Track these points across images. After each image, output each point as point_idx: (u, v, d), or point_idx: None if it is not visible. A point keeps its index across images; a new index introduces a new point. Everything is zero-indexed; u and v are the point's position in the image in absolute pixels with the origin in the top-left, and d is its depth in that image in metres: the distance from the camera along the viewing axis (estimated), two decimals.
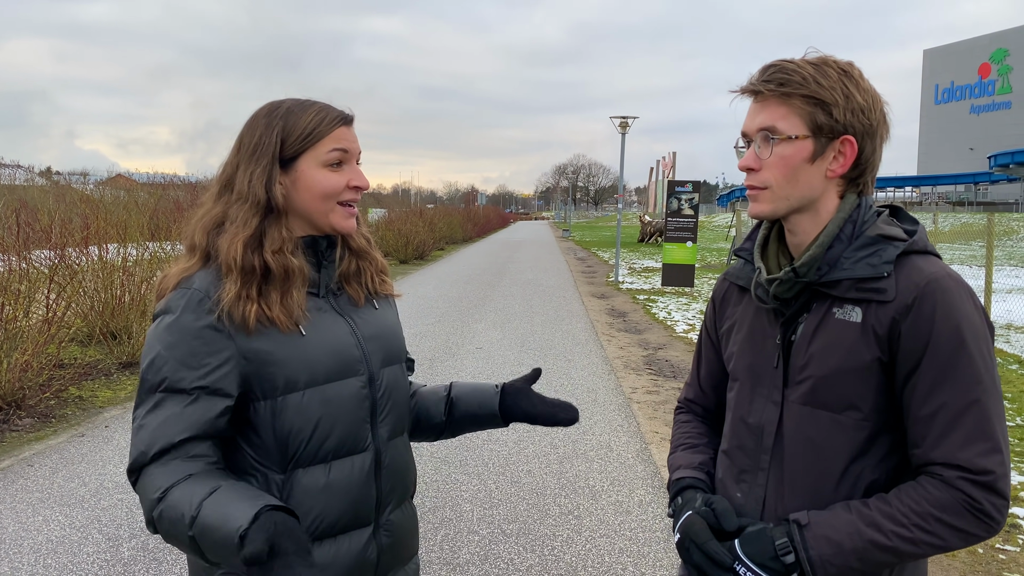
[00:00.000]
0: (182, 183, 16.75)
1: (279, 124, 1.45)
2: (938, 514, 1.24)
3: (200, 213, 1.49)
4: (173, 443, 1.32)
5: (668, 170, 37.91)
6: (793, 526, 1.30)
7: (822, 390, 1.35)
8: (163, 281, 1.45)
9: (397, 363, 1.59)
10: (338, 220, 1.47)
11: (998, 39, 72.04)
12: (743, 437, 1.46)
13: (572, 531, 4.23)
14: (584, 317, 12.39)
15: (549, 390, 7.32)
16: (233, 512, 1.21)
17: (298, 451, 1.41)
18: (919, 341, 1.28)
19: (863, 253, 1.34)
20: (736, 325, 1.54)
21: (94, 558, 3.80)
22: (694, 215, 16.26)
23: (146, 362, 1.36)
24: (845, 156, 1.34)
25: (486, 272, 20.47)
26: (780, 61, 1.37)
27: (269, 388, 1.39)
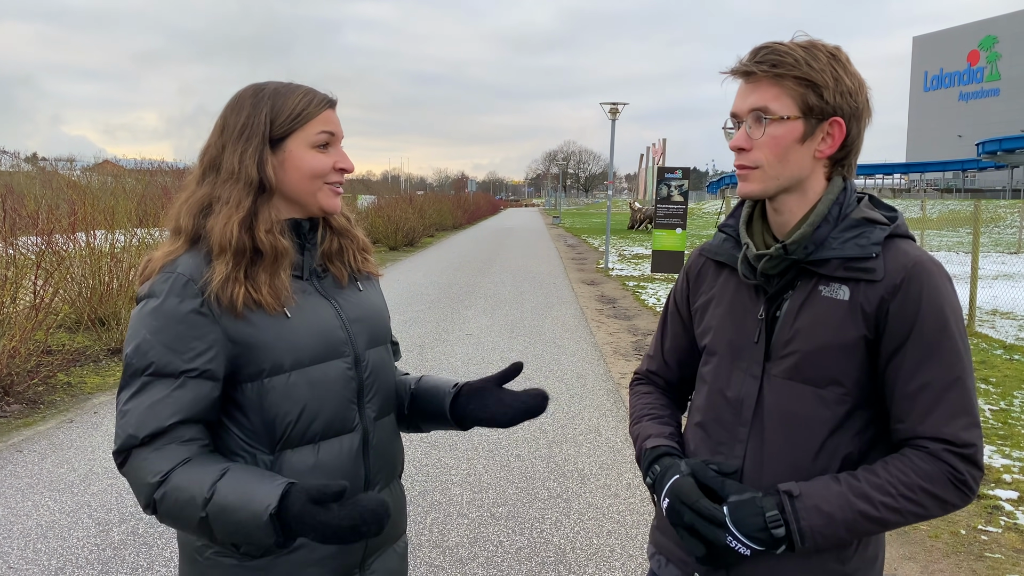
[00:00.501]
0: (170, 169, 16.63)
1: (267, 104, 1.45)
2: (924, 484, 1.29)
3: (184, 196, 1.48)
4: (164, 427, 1.32)
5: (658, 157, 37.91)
6: (784, 497, 1.32)
7: (807, 365, 1.38)
8: (147, 265, 1.44)
9: (382, 344, 1.60)
10: (325, 199, 1.48)
11: (987, 26, 72.20)
12: (720, 410, 1.49)
13: (561, 514, 4.26)
14: (574, 303, 12.42)
15: (539, 376, 7.36)
16: (255, 493, 1.26)
17: (286, 432, 1.42)
18: (906, 321, 1.32)
19: (850, 234, 1.37)
20: (714, 300, 1.56)
21: (84, 542, 3.81)
22: (683, 202, 16.29)
23: (131, 346, 1.36)
24: (833, 137, 1.37)
25: (476, 259, 20.47)
26: (772, 43, 1.39)
27: (255, 371, 1.40)
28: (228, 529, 1.28)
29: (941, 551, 3.83)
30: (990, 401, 6.55)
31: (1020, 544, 3.88)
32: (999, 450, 5.29)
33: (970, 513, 4.27)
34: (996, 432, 5.68)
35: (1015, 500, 4.43)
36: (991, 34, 71.28)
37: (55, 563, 3.60)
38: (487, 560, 3.72)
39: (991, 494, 4.51)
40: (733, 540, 1.32)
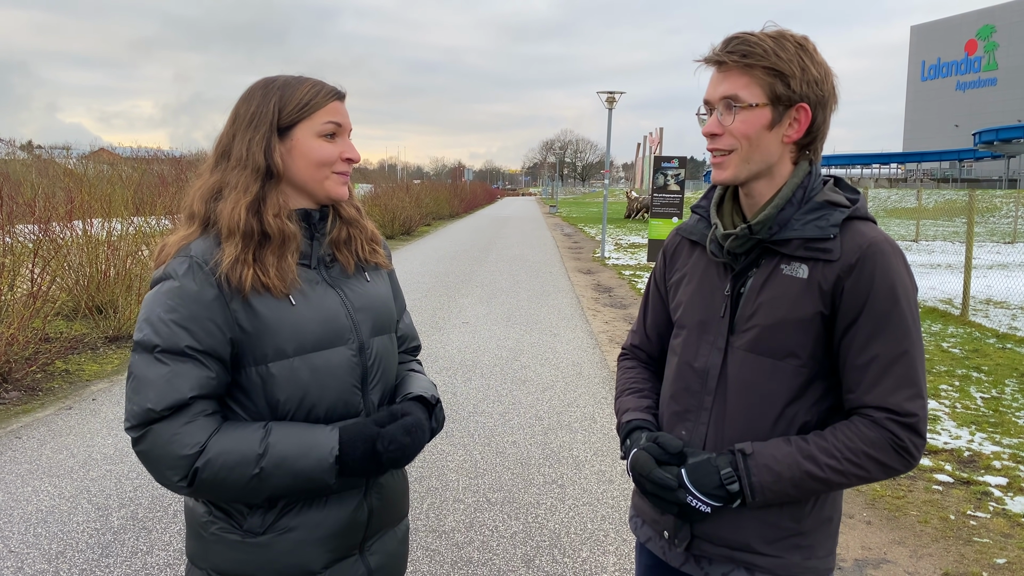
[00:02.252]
0: (166, 157, 16.60)
1: (276, 94, 1.50)
2: (867, 449, 1.39)
3: (198, 184, 1.54)
4: (184, 399, 1.37)
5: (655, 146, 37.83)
6: (738, 455, 1.44)
7: (766, 338, 1.48)
8: (163, 249, 1.49)
9: (387, 333, 1.64)
10: (332, 187, 1.53)
11: (985, 15, 72.09)
12: (688, 380, 1.59)
13: (556, 499, 4.31)
14: (570, 292, 12.46)
15: (535, 364, 7.40)
16: (313, 440, 1.41)
17: (289, 416, 1.46)
18: (859, 297, 1.41)
19: (812, 216, 1.46)
20: (686, 277, 1.66)
21: (83, 527, 3.85)
22: (680, 191, 16.31)
23: (145, 325, 1.40)
24: (800, 123, 1.46)
25: (473, 247, 20.49)
26: (742, 33, 1.48)
27: (260, 355, 1.44)
28: (286, 480, 1.39)
29: (930, 535, 3.89)
30: (982, 389, 6.62)
31: (1008, 529, 3.94)
32: (989, 437, 5.35)
33: (959, 499, 4.33)
34: (987, 420, 5.74)
35: (1004, 486, 4.49)
36: (989, 23, 71.20)
37: (55, 547, 3.64)
38: (483, 544, 3.77)
39: (981, 480, 4.57)
40: (693, 499, 1.44)
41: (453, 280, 13.53)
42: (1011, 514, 4.11)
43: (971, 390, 6.58)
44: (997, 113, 66.56)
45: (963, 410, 6.00)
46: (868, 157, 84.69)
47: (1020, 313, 10.71)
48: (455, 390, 6.49)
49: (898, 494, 4.41)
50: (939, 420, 5.74)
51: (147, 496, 4.21)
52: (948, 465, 4.84)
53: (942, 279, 13.63)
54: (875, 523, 4.05)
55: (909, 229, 27.80)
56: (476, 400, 6.21)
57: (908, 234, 26.21)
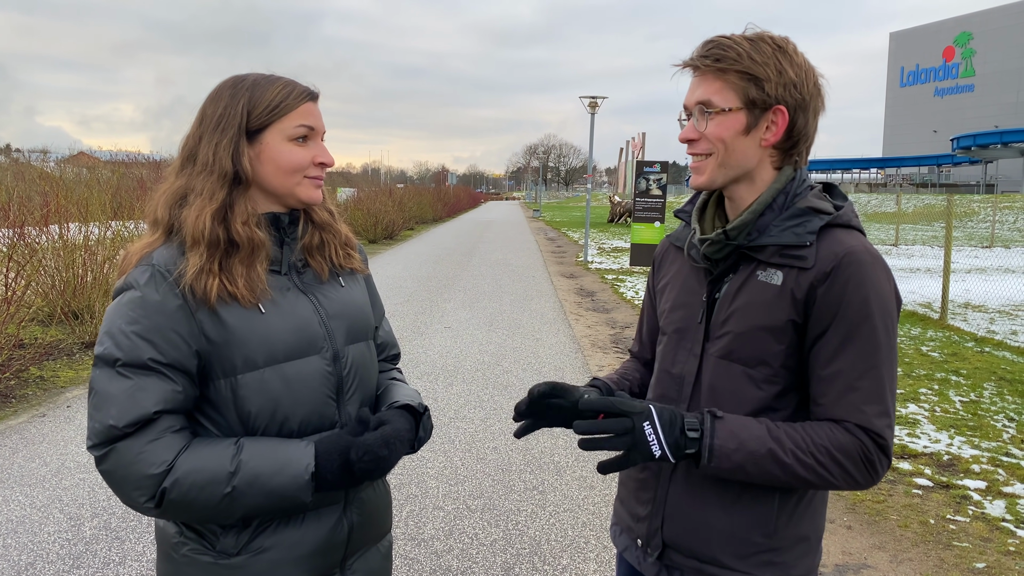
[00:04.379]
0: (146, 161, 16.43)
1: (245, 95, 1.44)
2: (835, 453, 1.34)
3: (163, 188, 1.48)
4: (149, 415, 1.31)
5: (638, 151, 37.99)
6: (707, 415, 1.38)
7: (738, 345, 1.44)
8: (126, 258, 1.44)
9: (363, 340, 1.59)
10: (305, 192, 1.47)
11: (962, 23, 72.97)
12: (666, 386, 1.57)
13: (536, 506, 4.28)
14: (553, 296, 12.45)
15: (517, 368, 7.37)
16: (287, 456, 1.35)
17: (261, 430, 1.41)
18: (831, 307, 1.36)
19: (791, 223, 1.42)
20: (671, 283, 1.64)
21: (55, 537, 3.77)
22: (662, 195, 16.35)
23: (106, 338, 1.35)
24: (777, 126, 1.42)
25: (456, 252, 20.44)
26: (718, 37, 1.45)
27: (228, 367, 1.38)
28: (259, 499, 1.34)
29: (910, 540, 3.89)
30: (960, 393, 6.65)
31: (987, 533, 3.95)
32: (968, 441, 5.38)
33: (939, 503, 4.34)
34: (966, 423, 5.77)
35: (983, 490, 4.50)
36: (966, 31, 72.04)
37: (25, 558, 3.56)
38: (462, 552, 3.73)
39: (960, 484, 4.59)
40: (650, 430, 1.34)
41: (436, 284, 13.48)
42: (990, 518, 4.12)
43: (950, 394, 6.61)
44: (974, 119, 67.34)
45: (942, 414, 6.03)
46: (848, 162, 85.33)
47: (998, 317, 10.81)
48: (436, 395, 6.44)
49: (878, 499, 4.41)
50: (918, 424, 5.76)
51: (121, 506, 4.13)
52: (927, 469, 4.85)
53: (921, 283, 13.74)
54: (855, 528, 4.05)
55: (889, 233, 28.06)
56: (458, 405, 6.17)
57: (888, 238, 26.46)
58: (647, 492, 1.57)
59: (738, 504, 1.45)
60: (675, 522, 1.51)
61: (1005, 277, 14.00)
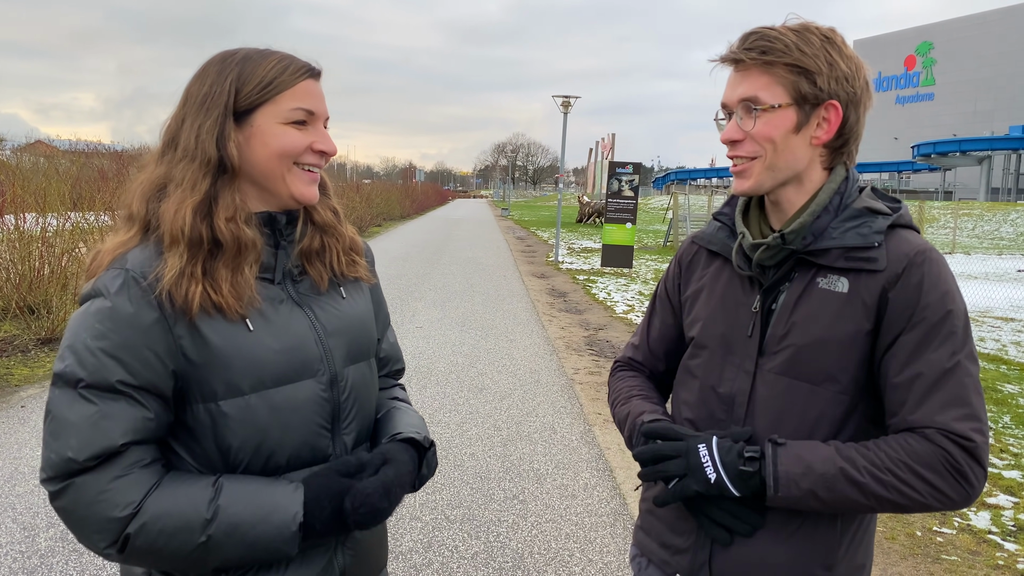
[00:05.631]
0: (107, 151, 15.95)
1: (233, 71, 1.25)
2: (914, 464, 1.21)
3: (140, 177, 1.28)
4: (115, 447, 1.14)
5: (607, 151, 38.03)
6: (768, 443, 1.28)
7: (802, 360, 1.32)
8: (95, 258, 1.24)
9: (364, 360, 1.41)
10: (297, 184, 1.28)
11: (923, 32, 74.45)
12: (713, 407, 1.42)
13: (517, 516, 4.14)
14: (525, 297, 12.32)
15: (492, 371, 7.23)
16: (272, 501, 1.18)
17: (243, 463, 1.24)
18: (906, 309, 1.26)
19: (851, 224, 1.32)
20: (705, 291, 1.50)
21: (7, 549, 3.54)
22: (634, 197, 16.32)
23: (68, 353, 1.16)
24: (830, 123, 1.31)
25: (425, 249, 20.22)
26: (761, 28, 1.33)
27: (208, 391, 1.21)
28: (238, 551, 1.17)
29: (899, 553, 3.83)
30: None
31: (975, 546, 3.91)
32: None
33: (924, 515, 4.29)
34: None
35: None
36: (927, 40, 73.52)
37: None
38: (442, 566, 3.58)
39: None
40: (705, 451, 1.29)
41: (406, 283, 13.27)
42: (976, 529, 4.08)
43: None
44: (934, 127, 68.74)
45: None
46: None
47: None
48: (410, 398, 6.26)
49: None
50: None
51: None
52: None
53: None
54: None
55: None
56: (432, 409, 6.00)
57: None
58: (688, 522, 1.42)
59: (797, 534, 1.32)
60: (728, 556, 1.36)
61: (967, 283, 14.17)
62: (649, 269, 17.09)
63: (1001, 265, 19.23)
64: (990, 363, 8.21)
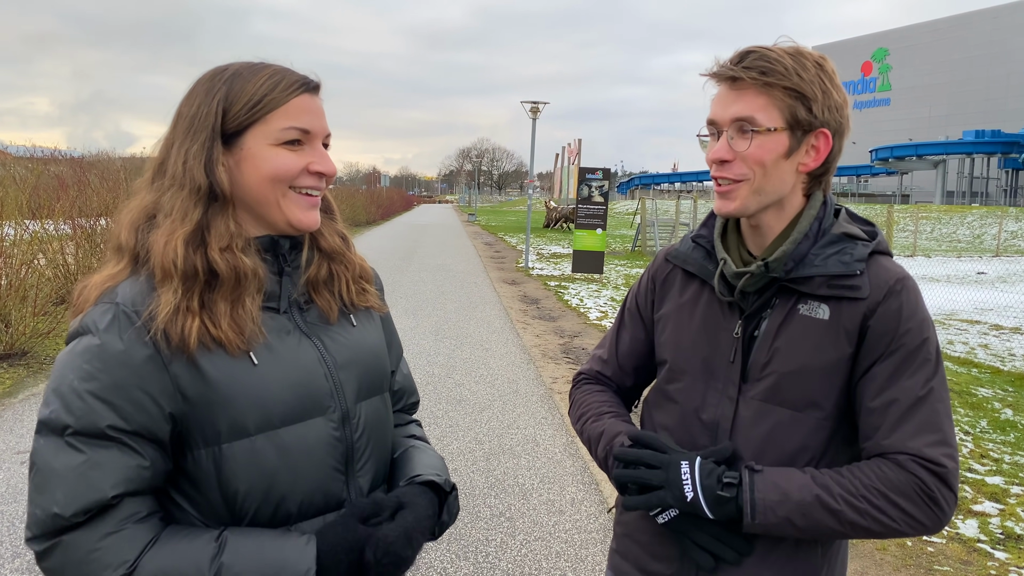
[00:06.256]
0: (64, 158, 15.52)
1: (221, 90, 1.17)
2: (887, 492, 1.22)
3: (129, 205, 1.20)
4: (106, 499, 1.04)
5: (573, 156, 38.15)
6: (745, 470, 1.27)
7: (785, 387, 1.32)
8: (82, 292, 1.15)
9: (378, 394, 1.32)
10: (294, 211, 1.19)
11: (879, 39, 76.10)
12: (696, 433, 1.41)
13: (506, 534, 4.04)
14: (497, 304, 12.23)
15: (470, 381, 7.12)
16: (282, 559, 1.08)
17: (251, 512, 1.14)
18: (884, 336, 1.28)
19: (831, 250, 1.32)
20: (680, 313, 1.48)
21: None
22: (604, 202, 16.33)
23: (53, 397, 1.07)
24: (818, 151, 1.32)
25: (393, 256, 20.03)
26: (760, 48, 1.32)
27: (211, 433, 1.11)
28: None
29: (891, 564, 3.80)
30: None
31: (966, 555, 3.90)
32: None
33: None
34: None
35: None
36: (883, 47, 75.14)
37: None
38: None
39: None
40: (687, 468, 1.27)
41: None
42: (965, 538, 4.08)
43: None
44: (891, 131, 70.14)
45: None
46: None
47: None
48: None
49: None
50: None
51: None
52: None
53: None
54: None
55: None
56: None
57: None
58: (669, 547, 1.40)
59: (782, 559, 1.33)
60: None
61: (931, 286, 14.40)
62: (619, 275, 17.11)
63: (961, 267, 19.58)
64: (961, 367, 8.31)
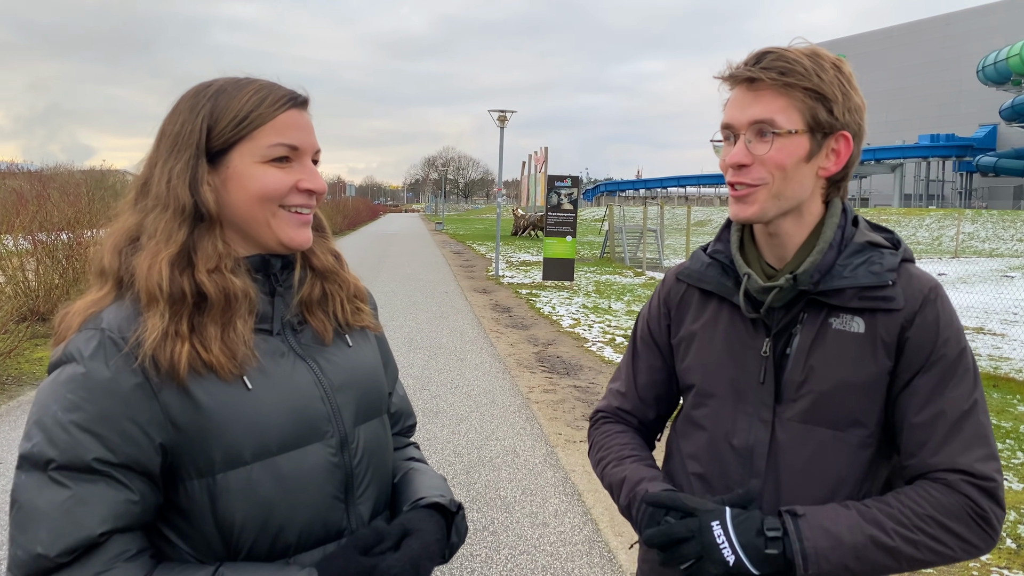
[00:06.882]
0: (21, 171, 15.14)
1: (206, 107, 1.13)
2: (941, 518, 1.17)
3: (112, 227, 1.15)
4: (92, 537, 0.98)
5: (540, 164, 38.28)
6: (787, 516, 1.19)
7: (825, 405, 1.27)
8: (64, 319, 1.09)
9: (377, 417, 1.28)
10: (285, 229, 1.15)
11: (834, 47, 77.36)
12: (727, 461, 1.33)
13: (490, 549, 3.98)
14: (469, 313, 12.17)
15: (445, 392, 7.05)
16: None
17: (248, 545, 1.09)
18: (924, 348, 1.24)
19: (858, 260, 1.28)
20: (703, 335, 1.40)
21: None
22: (573, 210, 16.36)
23: (35, 431, 1.01)
24: (839, 155, 1.28)
25: (362, 266, 19.85)
26: (777, 48, 1.27)
27: (204, 463, 1.06)
28: None
29: None
30: None
31: None
32: None
33: None
34: None
35: None
36: (840, 53, 76.11)
37: None
38: None
39: None
40: (720, 530, 1.17)
41: None
42: None
43: None
44: None
45: None
46: None
47: None
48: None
49: None
50: None
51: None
52: None
53: None
54: None
55: None
56: None
57: None
58: None
59: None
60: None
61: None
62: (589, 281, 17.14)
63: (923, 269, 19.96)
64: None
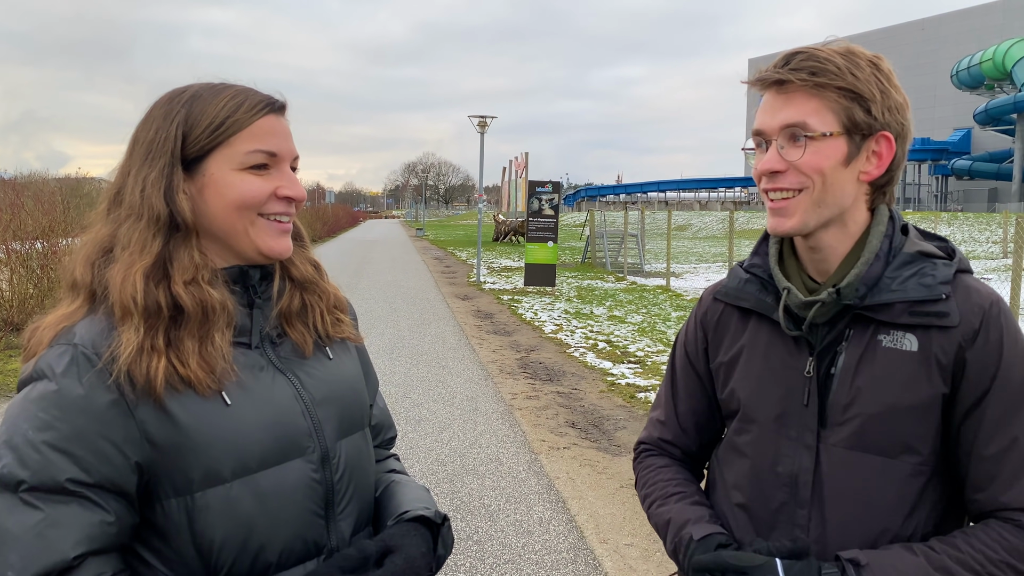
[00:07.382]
0: None
1: (180, 113, 1.10)
2: (1015, 563, 1.09)
3: (84, 238, 1.11)
4: (67, 561, 0.95)
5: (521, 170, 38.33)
6: (848, 565, 1.10)
7: (873, 430, 1.17)
8: (34, 334, 1.05)
9: (359, 431, 1.25)
10: (264, 238, 1.12)
11: None
12: (769, 489, 1.25)
13: (475, 559, 3.94)
14: (451, 320, 12.12)
15: (427, 400, 7.00)
16: None
17: (227, 565, 1.05)
18: (987, 371, 1.14)
19: (907, 272, 1.18)
20: (744, 355, 1.32)
21: None
22: (554, 216, 16.36)
23: (5, 451, 0.97)
24: (880, 157, 1.19)
25: (342, 273, 19.73)
26: (807, 48, 1.19)
27: (182, 482, 1.03)
28: None
29: None
30: None
31: None
32: None
33: None
34: None
35: None
36: None
37: None
38: None
39: None
40: None
41: None
42: None
43: None
44: None
45: None
46: (713, 181, 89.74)
47: None
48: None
49: None
50: None
51: None
52: None
53: None
54: None
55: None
56: None
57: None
58: None
59: None
60: None
61: None
62: (571, 287, 17.15)
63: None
64: None
